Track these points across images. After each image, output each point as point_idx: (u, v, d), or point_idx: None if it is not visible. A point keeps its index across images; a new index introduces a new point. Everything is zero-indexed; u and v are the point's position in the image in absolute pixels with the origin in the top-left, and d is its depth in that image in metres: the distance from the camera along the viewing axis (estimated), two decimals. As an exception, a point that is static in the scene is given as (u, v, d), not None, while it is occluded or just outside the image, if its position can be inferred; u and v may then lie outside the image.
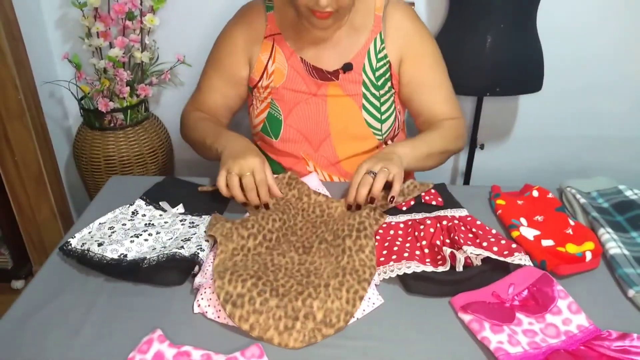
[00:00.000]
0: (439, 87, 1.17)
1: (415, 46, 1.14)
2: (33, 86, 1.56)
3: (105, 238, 0.90)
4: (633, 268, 0.85)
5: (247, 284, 0.77)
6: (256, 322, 0.74)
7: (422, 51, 1.15)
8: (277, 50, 1.13)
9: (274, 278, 0.80)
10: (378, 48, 1.12)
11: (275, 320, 0.74)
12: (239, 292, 0.76)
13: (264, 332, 0.73)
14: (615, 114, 1.68)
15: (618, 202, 1.00)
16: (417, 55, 1.14)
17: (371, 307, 0.79)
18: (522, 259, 0.84)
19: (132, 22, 1.47)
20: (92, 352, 0.72)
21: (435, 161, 1.13)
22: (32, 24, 1.54)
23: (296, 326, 0.74)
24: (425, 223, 0.94)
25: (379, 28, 1.12)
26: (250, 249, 0.88)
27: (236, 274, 0.79)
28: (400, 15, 1.13)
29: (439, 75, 1.18)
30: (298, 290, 0.78)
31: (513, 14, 1.38)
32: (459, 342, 0.74)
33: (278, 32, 1.13)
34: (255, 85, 1.17)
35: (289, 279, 0.81)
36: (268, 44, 1.14)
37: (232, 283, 0.78)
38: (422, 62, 1.15)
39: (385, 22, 1.12)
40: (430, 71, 1.16)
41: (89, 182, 1.60)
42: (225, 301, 0.75)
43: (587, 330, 0.73)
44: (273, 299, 0.76)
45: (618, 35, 1.55)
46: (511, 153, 1.78)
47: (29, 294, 0.83)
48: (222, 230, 0.88)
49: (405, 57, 1.13)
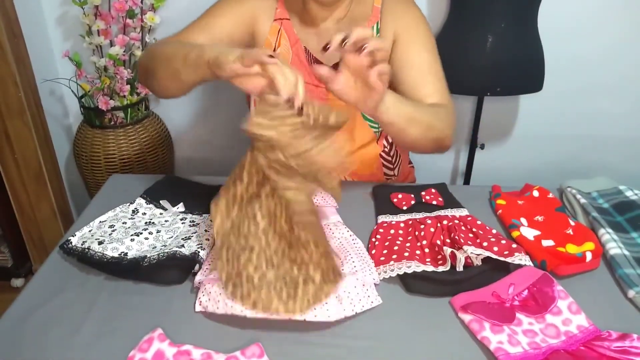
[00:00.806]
0: (428, 71, 1.08)
1: (406, 26, 1.10)
2: (33, 84, 1.56)
3: (106, 236, 0.90)
4: (633, 268, 0.85)
5: (242, 259, 0.77)
6: (258, 298, 0.74)
7: (414, 32, 1.10)
8: (283, 35, 1.13)
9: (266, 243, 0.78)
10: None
11: (277, 291, 0.74)
12: (237, 272, 0.76)
13: (269, 304, 0.74)
14: (615, 114, 1.68)
15: (618, 203, 1.00)
16: (408, 34, 1.09)
17: (370, 306, 0.79)
18: (522, 259, 0.84)
19: (133, 20, 1.47)
20: (93, 351, 0.72)
21: (417, 131, 0.95)
22: (32, 22, 1.54)
23: (298, 293, 0.74)
24: (426, 223, 0.94)
25: (376, 18, 1.12)
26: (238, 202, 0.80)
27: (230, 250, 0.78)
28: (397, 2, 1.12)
29: (428, 58, 1.09)
30: (291, 257, 0.77)
31: (514, 14, 1.38)
32: (459, 342, 0.74)
33: (287, 17, 1.13)
34: None
35: (280, 241, 0.78)
36: (276, 27, 1.13)
37: (230, 262, 0.78)
38: (412, 42, 1.09)
39: (382, 13, 1.12)
40: (419, 53, 1.09)
41: (89, 181, 1.60)
42: (227, 281, 0.76)
43: (587, 331, 0.74)
44: (270, 271, 0.76)
45: (618, 36, 1.55)
46: (511, 153, 1.78)
47: (29, 293, 0.82)
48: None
49: (397, 38, 1.09)
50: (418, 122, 0.95)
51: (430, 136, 0.99)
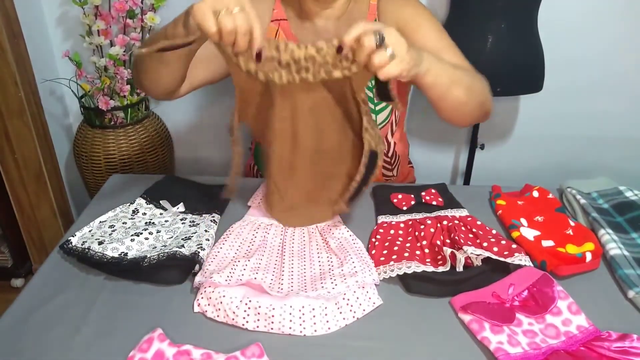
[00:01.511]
0: (444, 50, 1.03)
1: (409, 17, 1.07)
2: (33, 84, 1.56)
3: (106, 236, 0.90)
4: (633, 269, 0.85)
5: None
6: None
7: (419, 19, 1.07)
8: (281, 36, 1.13)
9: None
10: None
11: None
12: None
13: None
14: (615, 114, 1.68)
15: (618, 203, 1.00)
16: (414, 23, 1.06)
17: (371, 307, 0.79)
18: (522, 260, 0.84)
19: (133, 20, 1.47)
20: (92, 351, 0.72)
21: (461, 92, 0.92)
22: (32, 22, 1.54)
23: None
24: (426, 223, 0.94)
25: (373, 15, 1.11)
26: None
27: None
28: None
29: (439, 37, 1.06)
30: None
31: (514, 14, 1.37)
32: (459, 342, 0.74)
33: (284, 17, 1.13)
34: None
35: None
36: (273, 29, 1.13)
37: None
38: (418, 29, 1.05)
39: (379, 9, 1.11)
40: (429, 35, 1.05)
41: (89, 181, 1.60)
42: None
43: (587, 331, 0.74)
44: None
45: (619, 36, 1.55)
46: (511, 153, 1.78)
47: (28, 292, 0.83)
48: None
49: (402, 29, 1.02)
50: (460, 82, 0.92)
51: (475, 98, 0.97)
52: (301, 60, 0.80)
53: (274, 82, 0.82)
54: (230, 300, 0.76)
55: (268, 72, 0.81)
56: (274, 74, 0.81)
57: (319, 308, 0.76)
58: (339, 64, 0.79)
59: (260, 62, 0.79)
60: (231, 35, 0.73)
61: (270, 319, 0.75)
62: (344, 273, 0.84)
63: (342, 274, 0.84)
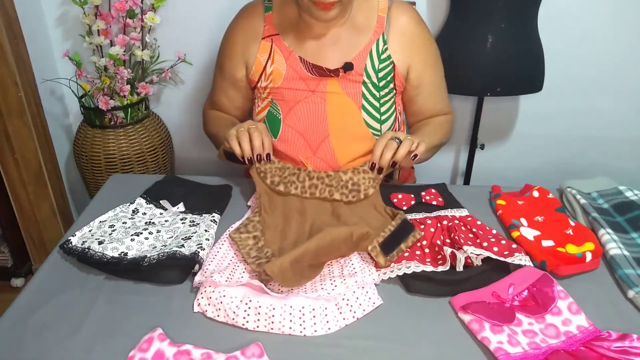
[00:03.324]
0: (439, 87, 1.23)
1: (422, 51, 1.17)
2: (33, 84, 1.55)
3: (106, 236, 0.90)
4: (633, 269, 0.85)
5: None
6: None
7: (427, 55, 1.18)
8: (276, 51, 1.14)
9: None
10: (381, 49, 1.12)
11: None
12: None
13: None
14: (616, 113, 1.68)
15: (618, 203, 1.00)
16: (424, 59, 1.17)
17: (371, 307, 0.79)
18: (522, 259, 0.84)
19: (133, 20, 1.47)
20: (93, 351, 0.72)
21: (432, 154, 1.19)
22: (32, 22, 1.54)
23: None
24: (426, 223, 0.94)
25: (381, 29, 1.12)
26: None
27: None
28: (406, 19, 1.14)
29: (439, 75, 1.23)
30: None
31: (514, 13, 1.37)
32: (459, 342, 0.74)
33: (276, 32, 1.14)
34: (255, 86, 1.17)
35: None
36: (266, 45, 1.14)
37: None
38: (427, 66, 1.18)
39: (389, 23, 1.12)
40: (433, 73, 1.21)
41: (89, 181, 1.60)
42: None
43: (587, 331, 0.74)
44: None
45: (619, 36, 1.55)
46: (511, 153, 1.78)
47: (29, 292, 0.83)
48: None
49: (413, 63, 1.16)
50: (435, 147, 1.17)
51: (439, 149, 1.21)
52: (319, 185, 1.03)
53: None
54: (231, 300, 0.76)
55: (288, 183, 1.03)
56: (291, 188, 1.02)
57: (319, 308, 0.76)
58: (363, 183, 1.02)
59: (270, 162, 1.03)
60: (245, 143, 1.00)
61: (270, 319, 0.75)
62: (343, 274, 0.84)
63: (342, 274, 0.84)
